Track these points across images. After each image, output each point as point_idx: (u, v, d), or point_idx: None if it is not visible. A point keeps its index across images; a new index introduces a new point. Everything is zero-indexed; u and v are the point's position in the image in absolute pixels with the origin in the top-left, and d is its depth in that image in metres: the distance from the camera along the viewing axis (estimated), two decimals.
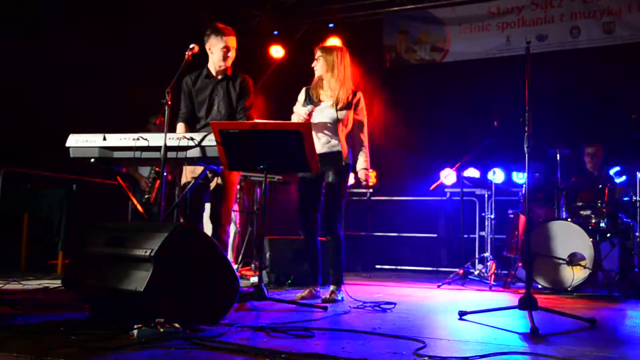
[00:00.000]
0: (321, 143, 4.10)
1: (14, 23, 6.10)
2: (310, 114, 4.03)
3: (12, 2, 6.12)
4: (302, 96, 4.22)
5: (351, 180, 4.31)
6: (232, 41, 4.02)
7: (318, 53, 4.20)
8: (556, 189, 5.60)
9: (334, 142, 4.09)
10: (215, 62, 4.04)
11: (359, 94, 4.22)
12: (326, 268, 4.21)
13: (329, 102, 4.14)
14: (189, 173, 3.95)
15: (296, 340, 2.46)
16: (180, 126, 4.05)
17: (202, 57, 4.08)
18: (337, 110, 4.09)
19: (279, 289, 4.83)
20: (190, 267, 2.65)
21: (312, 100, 4.16)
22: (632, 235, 5.36)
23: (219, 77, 4.06)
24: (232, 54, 4.04)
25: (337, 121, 4.09)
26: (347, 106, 4.12)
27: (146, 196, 5.99)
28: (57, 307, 3.25)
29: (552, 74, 7.15)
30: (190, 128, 4.07)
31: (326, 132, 4.11)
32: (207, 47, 4.03)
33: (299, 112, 4.10)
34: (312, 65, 4.23)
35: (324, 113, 4.11)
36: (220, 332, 2.54)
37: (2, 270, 5.41)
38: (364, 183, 4.18)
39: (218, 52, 4.00)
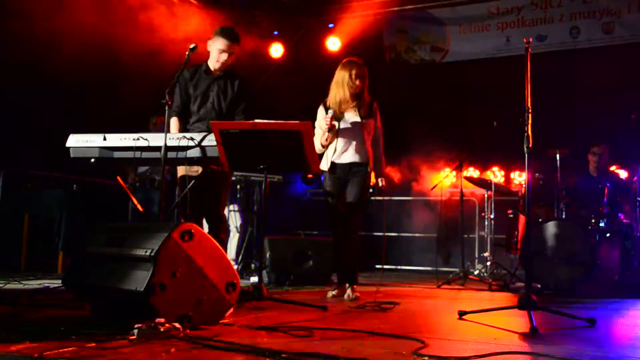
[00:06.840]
0: (350, 152, 4.24)
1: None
2: (332, 118, 4.13)
3: None
4: (322, 112, 4.31)
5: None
6: (227, 45, 3.99)
7: (360, 72, 4.25)
8: (556, 189, 5.60)
9: (362, 150, 4.23)
10: (210, 60, 4.10)
11: (375, 103, 4.37)
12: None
13: (353, 112, 4.26)
14: (182, 169, 3.91)
15: (296, 340, 2.46)
16: (174, 120, 4.04)
17: (204, 55, 4.13)
18: (362, 119, 4.24)
19: (279, 289, 4.83)
20: (190, 266, 2.65)
21: (335, 115, 4.25)
22: (631, 235, 5.35)
23: (218, 74, 4.09)
24: (224, 57, 4.02)
25: (363, 130, 4.24)
26: (369, 115, 4.28)
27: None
28: (57, 307, 3.25)
29: (552, 74, 7.14)
30: (183, 122, 4.08)
31: (354, 141, 4.24)
32: (208, 43, 4.08)
33: (320, 125, 4.23)
34: (356, 83, 4.24)
35: (351, 123, 4.25)
36: (220, 332, 2.54)
37: (2, 270, 5.41)
38: (381, 187, 4.31)
39: (214, 52, 4.06)
